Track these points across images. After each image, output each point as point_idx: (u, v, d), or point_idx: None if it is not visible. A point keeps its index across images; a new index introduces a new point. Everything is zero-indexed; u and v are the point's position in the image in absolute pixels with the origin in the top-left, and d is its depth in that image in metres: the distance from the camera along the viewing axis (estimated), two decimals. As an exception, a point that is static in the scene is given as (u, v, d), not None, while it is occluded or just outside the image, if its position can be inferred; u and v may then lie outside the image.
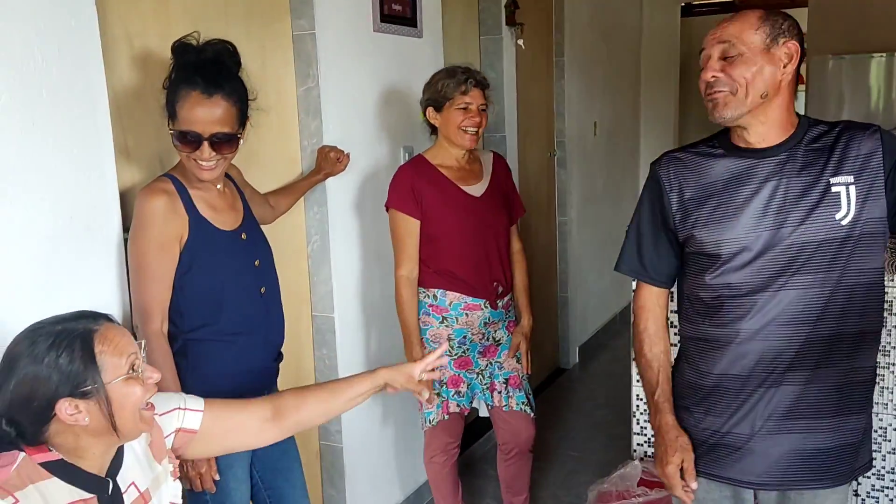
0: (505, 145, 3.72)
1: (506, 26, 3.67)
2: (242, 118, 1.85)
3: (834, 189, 1.57)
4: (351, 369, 2.74)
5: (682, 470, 1.70)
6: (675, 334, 1.87)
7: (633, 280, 1.98)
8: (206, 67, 1.77)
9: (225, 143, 1.81)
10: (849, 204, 1.57)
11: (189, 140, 1.78)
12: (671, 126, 6.04)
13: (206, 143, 1.78)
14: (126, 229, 1.86)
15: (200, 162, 1.80)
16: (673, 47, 5.96)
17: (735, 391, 1.69)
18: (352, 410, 2.70)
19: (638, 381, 2.50)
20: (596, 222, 5.06)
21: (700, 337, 1.74)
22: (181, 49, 1.80)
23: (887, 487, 2.30)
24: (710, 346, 1.72)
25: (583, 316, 4.93)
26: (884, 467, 2.29)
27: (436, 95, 2.50)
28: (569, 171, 4.57)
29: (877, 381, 1.80)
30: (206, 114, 1.77)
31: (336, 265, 2.64)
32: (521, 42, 3.76)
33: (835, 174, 1.58)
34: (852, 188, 1.57)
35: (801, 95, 5.24)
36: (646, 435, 2.53)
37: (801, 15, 6.26)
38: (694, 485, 1.70)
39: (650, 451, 2.53)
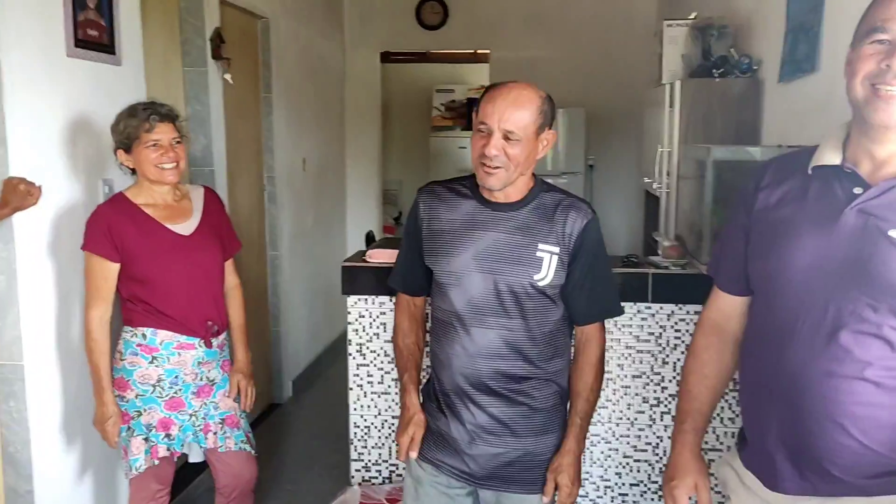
0: (214, 179, 3.66)
1: (212, 60, 3.63)
2: None
3: (539, 254, 1.83)
4: (45, 421, 2.52)
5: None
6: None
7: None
8: None
9: None
10: (548, 269, 1.83)
11: None
12: (375, 163, 6.33)
13: None
14: None
15: None
16: (374, 90, 6.29)
17: (452, 404, 1.92)
18: (46, 465, 2.50)
19: (355, 409, 2.60)
20: (306, 256, 5.14)
21: (434, 351, 1.98)
22: None
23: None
24: (437, 361, 1.96)
25: (295, 349, 4.96)
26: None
27: (122, 137, 2.40)
28: (279, 205, 4.60)
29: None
30: None
31: (25, 309, 2.41)
32: (228, 77, 3.74)
33: (544, 241, 1.84)
34: (554, 257, 1.83)
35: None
36: (363, 461, 2.63)
37: (483, 70, 6.97)
38: (413, 454, 1.94)
39: (367, 475, 2.63)
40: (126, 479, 2.54)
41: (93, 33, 2.66)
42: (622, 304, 2.39)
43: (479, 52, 6.69)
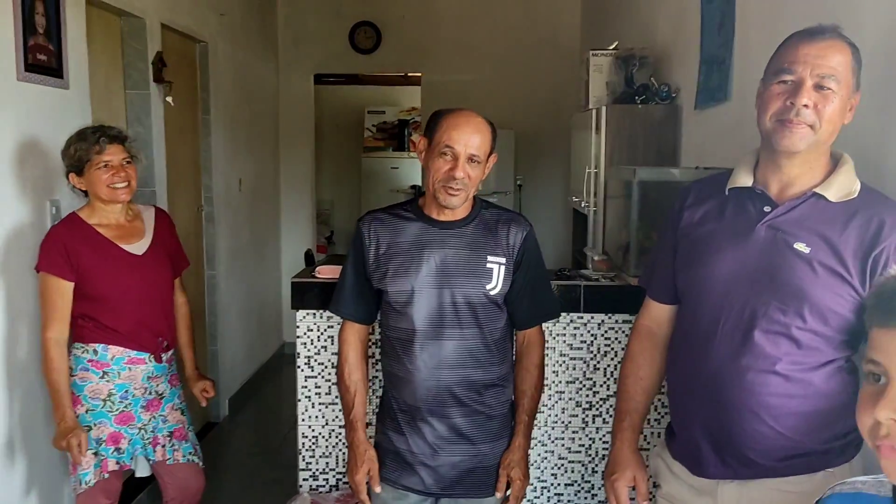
0: (155, 200, 3.69)
1: (154, 83, 3.68)
2: None
3: (488, 266, 1.99)
4: (-7, 439, 2.53)
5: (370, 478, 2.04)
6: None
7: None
8: None
9: None
10: (498, 278, 1.99)
11: None
12: (308, 182, 6.41)
13: None
14: None
15: None
16: (308, 111, 6.37)
17: (412, 419, 2.04)
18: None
19: (304, 420, 2.69)
20: (242, 275, 5.18)
21: (391, 371, 2.08)
22: None
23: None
24: (397, 379, 2.06)
25: (232, 368, 4.98)
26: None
27: (73, 161, 2.45)
28: (216, 225, 4.64)
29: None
30: None
31: (-24, 327, 2.44)
32: (170, 99, 3.79)
33: (492, 254, 2.00)
34: (502, 267, 1.99)
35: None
36: (310, 470, 2.71)
37: (415, 92, 7.15)
38: (378, 489, 2.04)
39: (315, 484, 2.72)
40: (74, 494, 2.56)
41: (42, 58, 2.71)
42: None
43: (410, 74, 6.87)
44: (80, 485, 2.51)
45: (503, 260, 2.00)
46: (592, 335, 2.65)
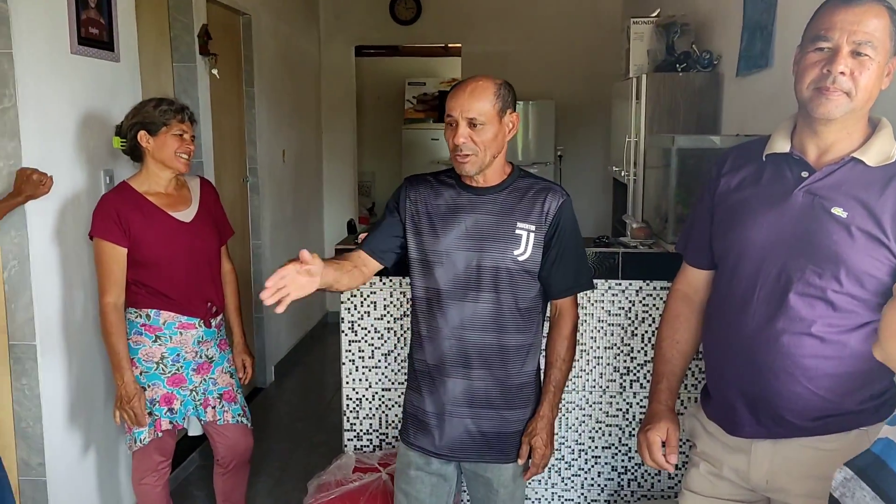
0: (202, 171, 3.79)
1: (200, 55, 3.76)
2: None
3: (517, 232, 2.00)
4: (54, 398, 2.66)
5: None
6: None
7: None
8: None
9: None
10: (527, 245, 2.00)
11: None
12: (350, 154, 6.48)
13: None
14: None
15: None
16: (349, 82, 6.42)
17: (431, 377, 2.08)
18: (56, 440, 2.64)
19: (347, 383, 2.78)
20: (286, 245, 5.28)
21: (416, 330, 2.12)
22: None
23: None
24: (420, 338, 2.10)
25: (277, 335, 5.11)
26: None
27: (152, 119, 2.54)
28: (261, 196, 4.75)
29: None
30: None
31: (37, 291, 2.55)
32: (215, 71, 3.88)
33: (523, 220, 2.00)
34: (532, 234, 2.00)
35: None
36: (355, 431, 2.80)
37: (455, 64, 7.16)
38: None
39: (359, 444, 2.81)
40: (129, 451, 2.69)
41: (94, 31, 2.80)
42: (595, 281, 2.61)
43: (450, 46, 6.87)
44: (135, 443, 2.64)
45: (533, 227, 2.00)
46: (630, 301, 2.69)
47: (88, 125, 2.79)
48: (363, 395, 2.80)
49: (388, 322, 2.75)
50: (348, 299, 2.74)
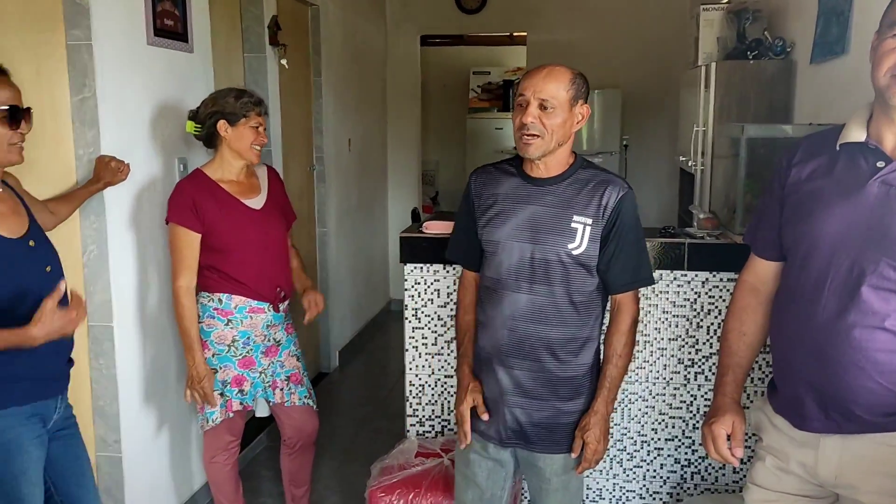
0: (271, 160, 3.88)
1: (269, 46, 3.84)
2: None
3: (573, 225, 1.98)
4: (130, 378, 2.77)
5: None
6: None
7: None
8: None
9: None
10: (582, 239, 1.98)
11: None
12: (415, 143, 6.52)
13: None
14: None
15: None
16: (414, 72, 6.46)
17: (488, 365, 2.10)
18: (131, 418, 2.74)
19: (411, 369, 2.82)
20: (351, 233, 5.37)
21: (478, 317, 2.15)
22: None
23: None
24: (480, 326, 2.13)
25: (341, 322, 5.20)
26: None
27: (233, 110, 2.61)
28: (327, 184, 4.82)
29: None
30: None
31: (115, 275, 2.66)
32: (284, 62, 3.95)
33: (580, 213, 1.99)
34: (588, 228, 1.98)
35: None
36: (417, 416, 2.84)
37: (520, 53, 7.11)
38: (485, 417, 2.08)
39: (421, 430, 2.85)
40: (201, 431, 2.79)
41: (169, 23, 2.88)
42: (659, 272, 2.58)
43: (515, 35, 6.84)
44: (206, 423, 2.73)
45: (590, 221, 1.98)
46: (696, 293, 2.65)
47: (163, 114, 2.89)
48: (426, 382, 2.83)
49: (452, 310, 2.77)
50: (412, 287, 2.78)
